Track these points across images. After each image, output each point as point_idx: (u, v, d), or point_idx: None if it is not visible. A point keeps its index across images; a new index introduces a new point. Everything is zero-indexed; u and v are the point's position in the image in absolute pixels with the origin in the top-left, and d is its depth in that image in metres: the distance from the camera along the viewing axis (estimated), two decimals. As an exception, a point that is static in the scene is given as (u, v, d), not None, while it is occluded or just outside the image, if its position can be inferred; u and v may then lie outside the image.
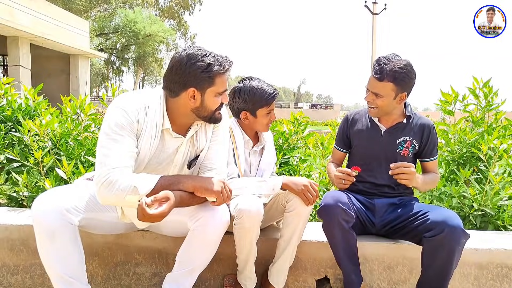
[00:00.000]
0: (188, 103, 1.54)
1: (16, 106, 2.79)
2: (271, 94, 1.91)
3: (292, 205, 1.77)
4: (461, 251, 1.69)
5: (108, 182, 1.40)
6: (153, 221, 1.40)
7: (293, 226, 1.78)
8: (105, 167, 1.42)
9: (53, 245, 1.43)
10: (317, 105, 43.96)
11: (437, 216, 1.71)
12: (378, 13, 19.40)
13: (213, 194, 1.50)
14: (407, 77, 1.82)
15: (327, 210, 1.74)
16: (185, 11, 36.81)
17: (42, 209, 1.43)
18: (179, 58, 1.50)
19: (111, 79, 39.55)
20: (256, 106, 1.91)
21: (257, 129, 2.00)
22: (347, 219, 1.74)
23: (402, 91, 1.85)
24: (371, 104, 1.91)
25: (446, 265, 1.68)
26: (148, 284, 2.00)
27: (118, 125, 1.48)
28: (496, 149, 2.42)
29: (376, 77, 1.83)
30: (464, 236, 1.65)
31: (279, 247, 1.85)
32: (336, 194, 1.79)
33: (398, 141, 1.96)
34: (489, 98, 2.67)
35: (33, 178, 2.33)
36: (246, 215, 1.64)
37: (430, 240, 1.69)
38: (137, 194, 1.40)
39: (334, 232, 1.77)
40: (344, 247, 1.79)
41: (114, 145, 1.45)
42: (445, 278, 1.71)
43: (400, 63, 1.81)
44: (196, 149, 1.69)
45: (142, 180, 1.43)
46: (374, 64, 1.86)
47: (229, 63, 1.55)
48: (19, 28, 10.50)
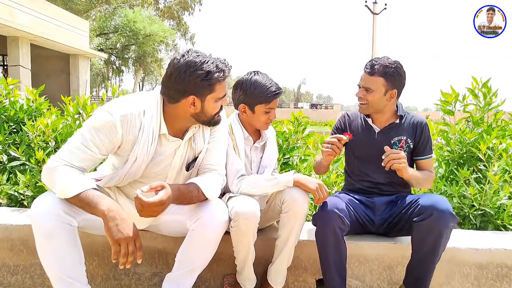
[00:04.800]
0: (188, 109, 1.54)
1: (18, 106, 2.80)
2: (272, 92, 1.84)
3: (288, 205, 1.75)
4: (449, 234, 1.72)
5: (51, 169, 1.45)
6: (153, 213, 1.41)
7: (289, 226, 1.77)
8: (58, 156, 1.48)
9: (52, 246, 1.43)
10: (317, 105, 43.95)
11: (426, 201, 1.73)
12: (378, 13, 19.42)
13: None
14: (397, 73, 1.91)
15: (323, 216, 1.73)
16: (184, 11, 36.81)
17: (41, 210, 1.43)
18: (178, 66, 1.48)
19: (111, 79, 39.57)
20: (255, 101, 1.86)
21: (256, 126, 1.95)
22: (341, 227, 1.73)
23: (392, 87, 1.92)
24: (361, 100, 1.96)
25: (435, 249, 1.72)
26: (148, 284, 2.00)
27: (95, 128, 1.49)
28: (495, 148, 2.42)
29: (367, 72, 1.93)
30: (452, 219, 1.68)
31: (277, 247, 1.84)
32: (334, 200, 1.78)
33: (393, 141, 1.98)
34: (488, 99, 2.68)
35: (34, 178, 2.33)
36: (242, 217, 1.62)
37: (420, 225, 1.71)
38: (64, 194, 1.42)
39: (327, 238, 1.74)
40: (334, 257, 1.76)
41: (79, 144, 1.48)
42: (433, 261, 1.75)
43: (391, 61, 1.92)
44: (194, 151, 1.69)
45: (74, 182, 1.43)
46: (367, 63, 1.96)
47: (229, 68, 1.54)
48: (19, 28, 10.51)
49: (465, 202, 2.34)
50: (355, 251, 1.95)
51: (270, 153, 2.01)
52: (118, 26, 28.84)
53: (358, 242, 1.96)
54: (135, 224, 1.44)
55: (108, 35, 29.92)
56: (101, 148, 1.50)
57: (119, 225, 1.38)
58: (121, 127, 1.50)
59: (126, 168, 1.57)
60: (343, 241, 1.76)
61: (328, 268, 1.78)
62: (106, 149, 1.52)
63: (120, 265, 1.38)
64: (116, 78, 40.70)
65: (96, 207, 1.39)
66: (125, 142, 1.54)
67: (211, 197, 1.61)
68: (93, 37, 26.74)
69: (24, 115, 2.78)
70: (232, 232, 1.68)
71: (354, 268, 1.99)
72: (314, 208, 2.51)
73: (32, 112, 2.84)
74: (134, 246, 1.39)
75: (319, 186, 1.75)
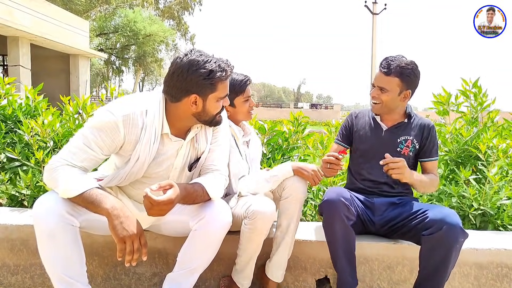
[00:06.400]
0: (190, 108, 1.55)
1: (16, 105, 2.80)
2: (242, 80, 1.95)
3: (289, 191, 1.78)
4: (459, 250, 1.68)
5: (53, 169, 1.45)
6: (161, 212, 1.41)
7: (290, 212, 1.78)
8: (59, 156, 1.48)
9: (53, 247, 1.43)
10: (317, 105, 43.94)
11: (436, 214, 1.70)
12: (378, 13, 19.41)
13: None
14: (413, 74, 1.90)
15: (330, 205, 1.73)
16: (184, 11, 36.83)
17: (43, 210, 1.43)
18: (181, 64, 1.49)
19: (111, 79, 39.59)
20: (232, 95, 1.91)
21: (241, 119, 2.03)
22: (348, 216, 1.73)
23: (407, 88, 1.92)
24: (376, 99, 1.95)
25: (443, 265, 1.68)
26: (148, 284, 2.00)
27: (97, 128, 1.49)
28: (494, 148, 2.43)
29: (383, 71, 1.91)
30: (462, 235, 1.64)
31: (276, 239, 1.83)
32: (339, 190, 1.78)
33: (399, 140, 1.98)
34: (479, 99, 2.70)
35: (34, 178, 2.33)
36: (260, 217, 1.63)
37: (428, 238, 1.69)
38: (68, 193, 1.42)
39: (335, 227, 1.74)
40: (343, 245, 1.77)
41: (81, 144, 1.48)
42: (441, 279, 1.70)
43: (407, 61, 1.90)
44: (197, 151, 1.69)
45: (77, 182, 1.43)
46: (382, 61, 1.93)
47: (231, 68, 1.56)
48: (19, 28, 10.51)
49: (465, 202, 2.34)
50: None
51: (256, 146, 2.13)
52: (118, 26, 28.84)
53: (358, 242, 1.96)
54: (139, 222, 1.44)
55: (108, 35, 29.91)
56: (103, 148, 1.50)
57: (123, 222, 1.39)
58: (123, 127, 1.50)
59: (128, 167, 1.57)
60: (351, 228, 1.76)
61: (337, 257, 1.79)
62: (108, 149, 1.52)
63: (126, 263, 1.39)
64: (116, 78, 40.74)
65: (100, 206, 1.40)
66: (127, 142, 1.54)
67: (214, 197, 1.62)
68: (93, 37, 26.73)
69: (21, 114, 2.77)
70: (245, 230, 1.68)
71: (354, 268, 1.99)
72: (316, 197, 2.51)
73: (30, 111, 2.84)
74: (139, 243, 1.40)
75: (314, 172, 1.81)
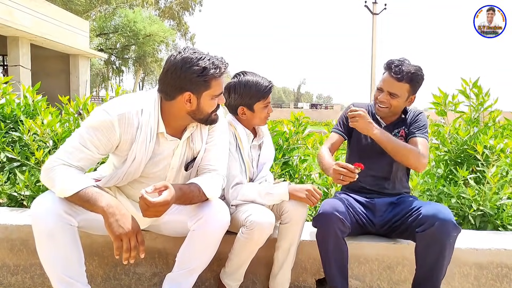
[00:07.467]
0: (184, 106, 1.54)
1: (15, 104, 2.79)
2: (267, 86, 1.88)
3: (288, 216, 1.75)
4: (453, 245, 1.69)
5: (50, 169, 1.46)
6: (157, 213, 1.41)
7: (291, 236, 1.77)
8: (56, 156, 1.48)
9: (52, 246, 1.43)
10: (317, 105, 43.98)
11: (428, 210, 1.72)
12: (378, 13, 19.40)
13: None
14: (422, 80, 1.94)
15: (324, 218, 1.73)
16: (185, 12, 36.83)
17: (41, 210, 1.43)
18: (174, 62, 1.49)
19: (111, 79, 39.58)
20: (253, 100, 1.88)
21: (256, 124, 1.97)
22: (342, 229, 1.73)
23: (414, 93, 1.95)
24: (384, 104, 1.95)
25: (439, 261, 1.69)
26: (148, 284, 2.00)
27: (93, 127, 1.49)
28: (493, 148, 2.42)
29: (395, 77, 1.89)
30: (455, 229, 1.66)
31: (277, 260, 1.82)
32: (334, 202, 1.78)
33: (393, 132, 2.01)
34: (481, 98, 2.69)
35: (33, 178, 2.33)
36: (258, 227, 1.62)
37: (422, 235, 1.70)
38: (64, 193, 1.42)
39: (328, 240, 1.74)
40: (336, 257, 1.76)
41: (77, 144, 1.48)
42: (438, 276, 1.72)
43: (416, 67, 1.91)
44: (193, 151, 1.69)
45: (73, 181, 1.43)
46: (390, 66, 1.91)
47: (225, 65, 1.55)
48: (19, 28, 10.52)
49: (464, 202, 2.34)
50: (355, 251, 1.95)
51: (268, 149, 2.05)
52: (118, 26, 28.83)
53: (358, 242, 1.96)
54: (135, 219, 1.44)
55: (108, 35, 29.90)
56: (99, 148, 1.50)
57: (119, 220, 1.39)
58: (119, 126, 1.50)
59: (125, 167, 1.57)
60: (344, 242, 1.76)
61: (329, 269, 1.78)
62: (104, 148, 1.52)
63: (124, 261, 1.38)
64: (116, 78, 40.71)
65: (95, 204, 1.40)
66: (123, 141, 1.54)
67: (211, 197, 1.61)
68: (93, 37, 26.73)
69: (21, 113, 2.76)
70: (241, 238, 1.67)
71: (354, 268, 1.99)
72: (314, 209, 2.51)
73: (29, 110, 2.83)
74: (136, 241, 1.40)
75: (309, 192, 1.75)
